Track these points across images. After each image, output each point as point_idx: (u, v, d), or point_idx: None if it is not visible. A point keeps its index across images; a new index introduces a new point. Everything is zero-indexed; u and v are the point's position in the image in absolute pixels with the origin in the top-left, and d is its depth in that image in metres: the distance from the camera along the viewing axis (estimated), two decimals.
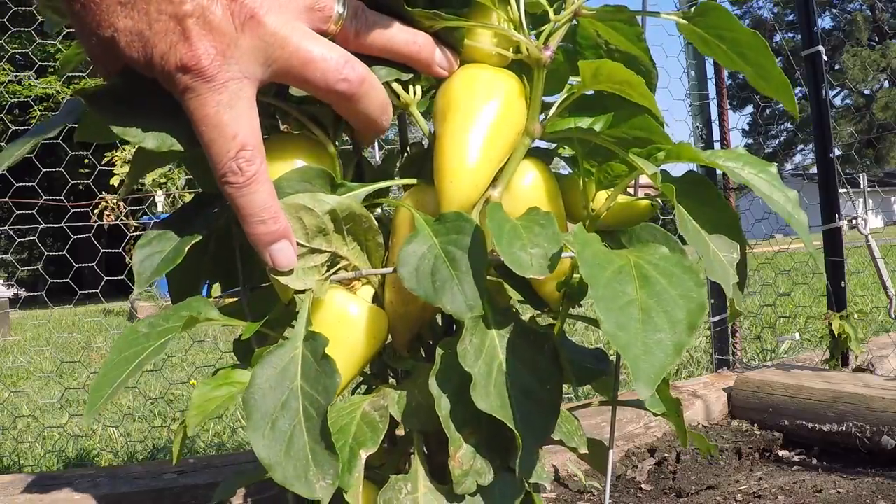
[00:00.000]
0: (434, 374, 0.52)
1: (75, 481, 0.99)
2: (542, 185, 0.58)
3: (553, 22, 0.55)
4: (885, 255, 1.78)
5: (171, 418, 2.23)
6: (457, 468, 0.51)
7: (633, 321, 0.44)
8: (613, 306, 0.44)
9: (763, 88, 0.56)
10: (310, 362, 0.49)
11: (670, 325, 0.44)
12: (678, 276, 0.47)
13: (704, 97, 1.86)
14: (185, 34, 0.45)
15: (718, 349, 1.84)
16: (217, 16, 0.46)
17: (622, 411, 1.25)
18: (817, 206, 1.67)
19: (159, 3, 0.44)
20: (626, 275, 0.47)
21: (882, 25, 23.38)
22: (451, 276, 0.50)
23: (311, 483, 0.47)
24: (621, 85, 0.54)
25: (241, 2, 0.46)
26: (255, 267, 0.63)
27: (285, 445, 0.47)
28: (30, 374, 3.42)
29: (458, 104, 0.55)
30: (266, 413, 0.48)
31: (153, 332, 0.55)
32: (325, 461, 0.47)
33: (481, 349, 0.51)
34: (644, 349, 0.42)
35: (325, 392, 0.48)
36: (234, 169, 0.48)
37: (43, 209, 2.80)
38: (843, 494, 1.03)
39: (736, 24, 0.53)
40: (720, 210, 0.55)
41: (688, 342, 0.43)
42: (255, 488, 0.58)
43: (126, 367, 0.52)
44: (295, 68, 0.50)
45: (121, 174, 5.14)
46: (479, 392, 0.49)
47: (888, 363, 1.66)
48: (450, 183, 0.54)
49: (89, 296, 3.25)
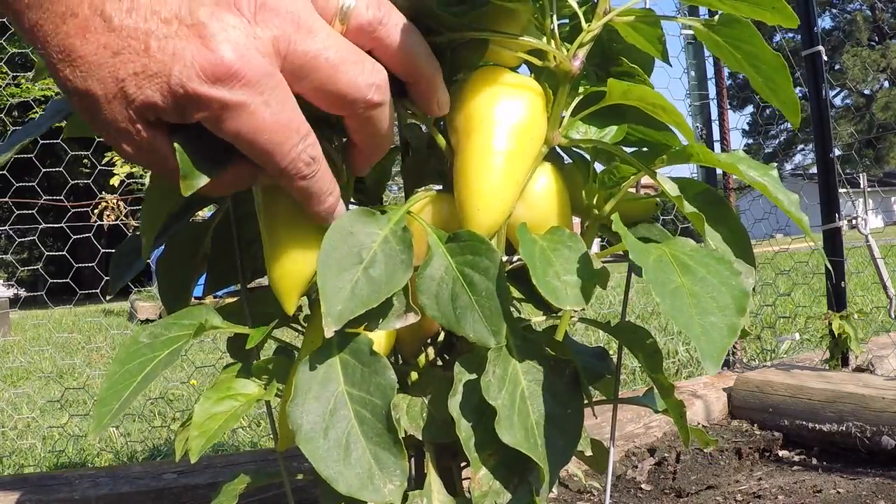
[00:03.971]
0: (453, 395, 0.51)
1: (75, 481, 0.99)
2: (554, 187, 0.57)
3: (585, 32, 0.54)
4: (885, 255, 1.78)
5: (171, 418, 2.23)
6: (477, 489, 0.50)
7: (686, 305, 0.45)
8: (665, 290, 0.45)
9: (769, 98, 0.56)
10: (352, 365, 0.48)
11: (720, 309, 0.45)
12: (713, 266, 0.48)
13: (704, 97, 1.86)
14: (202, 41, 0.39)
15: None
16: (229, 14, 0.40)
17: (622, 411, 1.25)
18: (817, 206, 1.67)
19: (157, 31, 0.39)
20: (667, 263, 0.48)
21: (882, 25, 23.38)
22: (472, 304, 0.48)
23: (379, 488, 0.45)
24: (653, 107, 0.54)
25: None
26: (255, 264, 0.63)
27: (342, 454, 0.46)
28: (30, 374, 3.42)
29: (483, 120, 0.52)
30: (315, 424, 0.46)
31: (156, 342, 0.53)
32: (390, 462, 0.46)
33: (504, 379, 0.50)
34: (703, 330, 0.44)
35: (380, 391, 0.47)
36: (307, 160, 0.45)
37: (43, 209, 2.80)
38: (843, 494, 1.03)
39: (757, 40, 0.53)
40: (734, 231, 0.55)
41: (739, 324, 0.44)
42: (255, 489, 0.58)
43: (131, 379, 0.50)
44: (319, 70, 0.43)
45: (121, 174, 5.14)
46: (504, 425, 0.49)
47: (888, 363, 1.66)
48: (478, 210, 0.52)
49: (89, 296, 3.26)
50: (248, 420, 2.06)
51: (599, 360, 0.64)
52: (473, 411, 0.51)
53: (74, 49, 0.39)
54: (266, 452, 1.17)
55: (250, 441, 1.85)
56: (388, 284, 0.47)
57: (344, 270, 0.47)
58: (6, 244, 9.34)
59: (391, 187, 0.62)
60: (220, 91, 0.40)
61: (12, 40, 2.57)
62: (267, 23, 0.41)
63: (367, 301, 0.46)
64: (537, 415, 0.50)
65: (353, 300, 0.46)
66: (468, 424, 0.51)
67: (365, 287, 0.47)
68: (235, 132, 0.42)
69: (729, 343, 0.43)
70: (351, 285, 0.46)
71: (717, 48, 0.56)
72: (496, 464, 0.51)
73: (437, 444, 0.57)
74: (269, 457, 1.09)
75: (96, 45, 0.39)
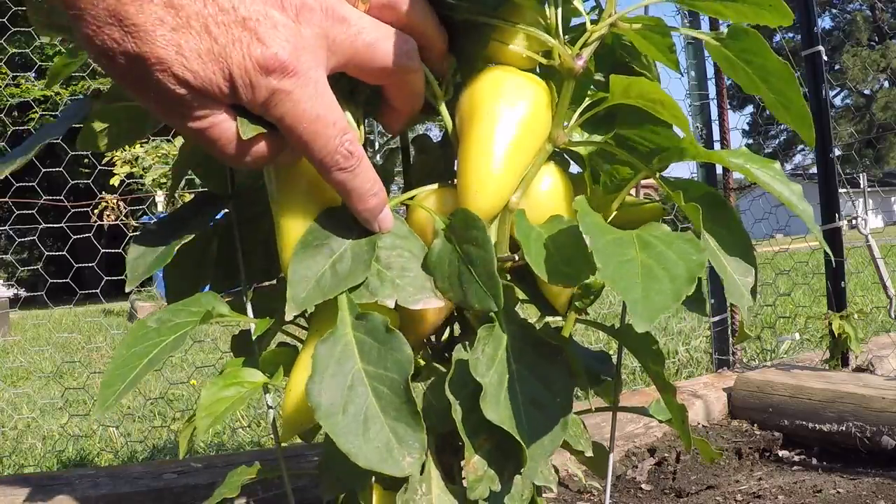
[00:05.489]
0: (449, 380, 0.52)
1: (75, 481, 0.99)
2: (561, 189, 0.57)
3: (589, 32, 0.54)
4: (885, 255, 1.78)
5: (171, 418, 2.23)
6: (471, 474, 0.51)
7: (632, 273, 0.45)
8: (612, 261, 0.45)
9: (782, 117, 0.56)
10: (367, 344, 0.49)
11: (670, 278, 0.45)
12: (678, 244, 0.48)
13: (704, 97, 1.86)
14: (256, 36, 0.43)
15: (718, 349, 1.84)
16: (276, 11, 0.44)
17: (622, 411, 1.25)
18: (817, 206, 1.67)
19: (216, 17, 0.42)
20: (627, 241, 0.48)
21: (882, 25, 23.38)
22: (472, 277, 0.50)
23: (398, 461, 0.46)
24: (653, 103, 0.54)
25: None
26: (257, 267, 0.63)
27: (362, 429, 0.47)
28: (30, 374, 3.42)
29: (485, 109, 0.54)
30: (333, 401, 0.47)
31: (163, 327, 0.54)
32: (409, 436, 0.47)
33: (493, 358, 0.51)
34: (644, 294, 0.43)
35: (398, 366, 0.48)
36: (345, 153, 0.48)
37: (43, 209, 2.80)
38: (843, 494, 1.03)
39: (768, 52, 0.53)
40: (735, 233, 0.55)
41: (687, 290, 0.44)
42: (255, 488, 0.58)
43: (137, 362, 0.51)
44: (360, 52, 0.48)
45: (121, 174, 5.13)
46: (489, 402, 0.49)
47: (888, 363, 1.66)
48: (475, 193, 0.53)
49: (89, 296, 3.26)
50: (249, 420, 2.06)
51: (601, 364, 0.64)
52: (468, 397, 0.51)
53: (129, 16, 0.41)
54: (267, 452, 1.17)
55: (250, 441, 1.85)
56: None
57: None
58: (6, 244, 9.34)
59: (391, 188, 0.62)
60: (271, 81, 0.44)
61: (12, 40, 2.56)
62: (309, 22, 0.45)
63: None
64: (525, 399, 0.51)
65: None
66: (461, 409, 0.51)
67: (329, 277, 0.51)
68: (281, 116, 0.46)
69: (668, 306, 0.43)
70: None
71: (729, 65, 0.55)
72: (491, 449, 0.52)
73: (436, 433, 0.57)
74: (271, 456, 1.09)
75: (153, 16, 0.41)
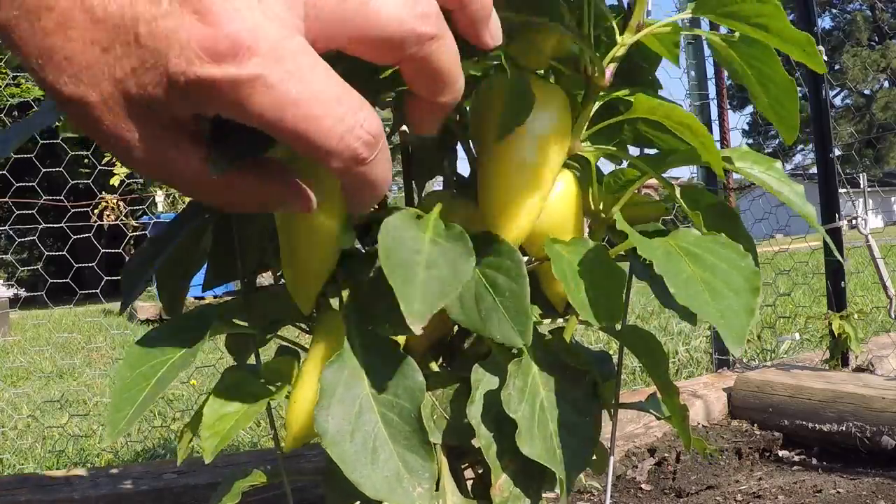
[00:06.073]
0: (472, 404, 0.51)
1: (75, 481, 0.99)
2: (572, 193, 0.57)
3: (619, 46, 0.53)
4: (885, 255, 1.78)
5: (171, 418, 2.23)
6: (497, 495, 0.51)
7: (700, 292, 0.45)
8: (678, 280, 0.45)
9: (772, 118, 0.56)
10: (376, 368, 0.48)
11: (734, 292, 0.45)
12: (720, 252, 0.48)
13: (704, 97, 1.86)
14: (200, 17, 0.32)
15: (718, 349, 1.84)
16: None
17: (622, 411, 1.25)
18: (817, 206, 1.67)
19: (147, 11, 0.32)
20: (674, 254, 0.48)
21: (882, 25, 23.38)
22: (496, 305, 0.48)
23: (408, 491, 0.45)
24: (679, 126, 0.54)
25: None
26: (253, 258, 0.62)
27: (370, 457, 0.45)
28: (30, 374, 3.42)
29: (516, 122, 0.51)
30: (340, 427, 0.46)
31: (168, 344, 0.51)
32: (420, 465, 0.46)
33: (524, 391, 0.51)
34: (720, 314, 0.44)
35: (408, 393, 0.46)
36: (364, 136, 0.35)
37: (43, 209, 2.80)
38: (843, 494, 1.03)
39: (775, 63, 0.53)
40: (742, 239, 0.55)
41: (754, 303, 0.45)
42: (254, 489, 0.58)
43: (145, 383, 0.48)
44: (355, 16, 0.35)
45: (121, 174, 5.13)
46: (524, 438, 0.49)
47: (888, 363, 1.66)
48: (507, 219, 0.51)
49: (89, 296, 3.25)
50: None
51: (602, 365, 0.64)
52: (493, 420, 0.51)
53: (56, 49, 0.32)
54: (266, 452, 1.17)
55: (250, 441, 1.85)
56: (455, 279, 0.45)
57: None
58: (6, 244, 9.34)
59: (391, 188, 0.61)
60: (228, 69, 0.32)
61: None
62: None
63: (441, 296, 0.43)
64: (555, 424, 0.51)
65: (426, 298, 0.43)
66: (488, 433, 0.51)
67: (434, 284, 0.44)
68: (259, 114, 0.33)
69: (748, 323, 0.44)
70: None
71: (728, 61, 0.55)
72: (516, 470, 0.52)
73: (447, 445, 0.57)
74: (270, 457, 1.09)
75: (82, 42, 0.32)
